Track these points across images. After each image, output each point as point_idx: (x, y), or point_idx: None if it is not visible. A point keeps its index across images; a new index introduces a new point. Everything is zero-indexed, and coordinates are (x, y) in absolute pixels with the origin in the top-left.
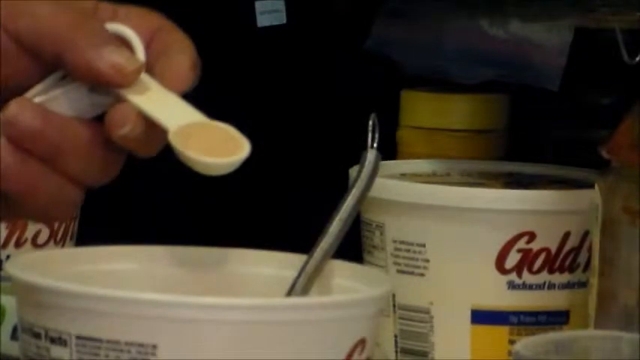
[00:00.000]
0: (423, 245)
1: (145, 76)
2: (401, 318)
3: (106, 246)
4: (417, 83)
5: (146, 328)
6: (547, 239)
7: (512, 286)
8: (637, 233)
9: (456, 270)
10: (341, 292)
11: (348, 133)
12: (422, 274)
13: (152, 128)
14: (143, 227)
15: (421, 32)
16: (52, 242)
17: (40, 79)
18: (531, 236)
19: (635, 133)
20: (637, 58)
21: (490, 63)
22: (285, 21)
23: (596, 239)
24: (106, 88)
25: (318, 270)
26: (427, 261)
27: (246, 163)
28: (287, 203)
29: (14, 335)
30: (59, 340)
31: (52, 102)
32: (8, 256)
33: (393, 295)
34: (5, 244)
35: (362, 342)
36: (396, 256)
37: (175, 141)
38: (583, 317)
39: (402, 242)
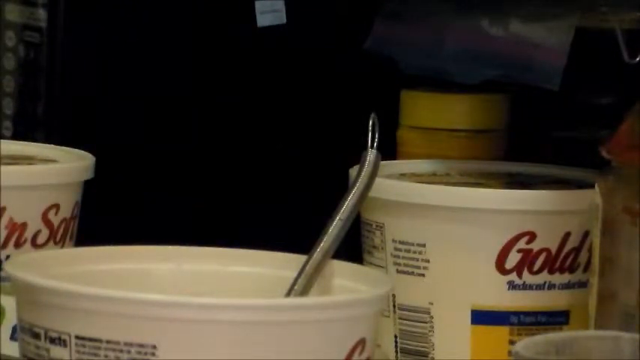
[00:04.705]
0: (423, 245)
1: None
2: (401, 318)
3: (106, 246)
4: (416, 83)
5: (146, 328)
6: (547, 239)
7: (512, 286)
8: (637, 233)
9: (456, 270)
10: (341, 292)
11: (348, 133)
12: (422, 274)
13: None
14: (143, 227)
15: (421, 32)
16: (51, 242)
17: None
18: (531, 236)
19: (635, 133)
20: (637, 58)
21: (490, 63)
22: (285, 21)
23: (596, 239)
24: None
25: (318, 270)
26: (427, 261)
27: (247, 163)
28: (287, 203)
29: (14, 335)
30: (59, 341)
31: None
32: (8, 256)
33: (393, 295)
34: (5, 244)
35: (362, 342)
36: (396, 256)
37: None
38: (583, 317)
39: (402, 242)
